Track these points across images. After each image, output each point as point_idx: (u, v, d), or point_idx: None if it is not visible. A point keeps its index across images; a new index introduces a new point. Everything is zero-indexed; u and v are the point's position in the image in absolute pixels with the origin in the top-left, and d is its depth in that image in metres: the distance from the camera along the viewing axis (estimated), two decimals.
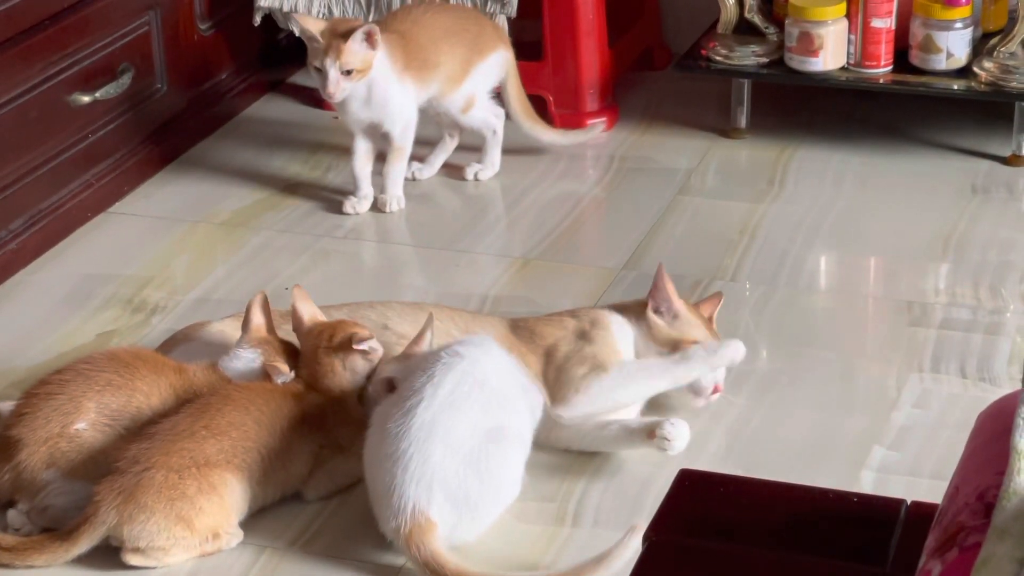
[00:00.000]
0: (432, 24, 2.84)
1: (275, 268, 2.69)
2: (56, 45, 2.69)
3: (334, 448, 2.07)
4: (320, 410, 2.07)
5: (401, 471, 1.91)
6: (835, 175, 2.98)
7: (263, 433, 2.01)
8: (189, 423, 1.98)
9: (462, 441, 1.94)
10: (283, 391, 2.08)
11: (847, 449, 2.19)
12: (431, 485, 1.91)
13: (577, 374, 2.16)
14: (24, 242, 2.67)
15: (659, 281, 2.23)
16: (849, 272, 2.71)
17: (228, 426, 1.98)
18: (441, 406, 1.95)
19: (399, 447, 1.92)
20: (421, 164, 2.97)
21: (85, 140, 2.79)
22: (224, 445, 1.97)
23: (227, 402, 2.01)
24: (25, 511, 2.01)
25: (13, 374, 2.36)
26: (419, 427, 1.93)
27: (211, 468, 1.95)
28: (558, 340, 2.20)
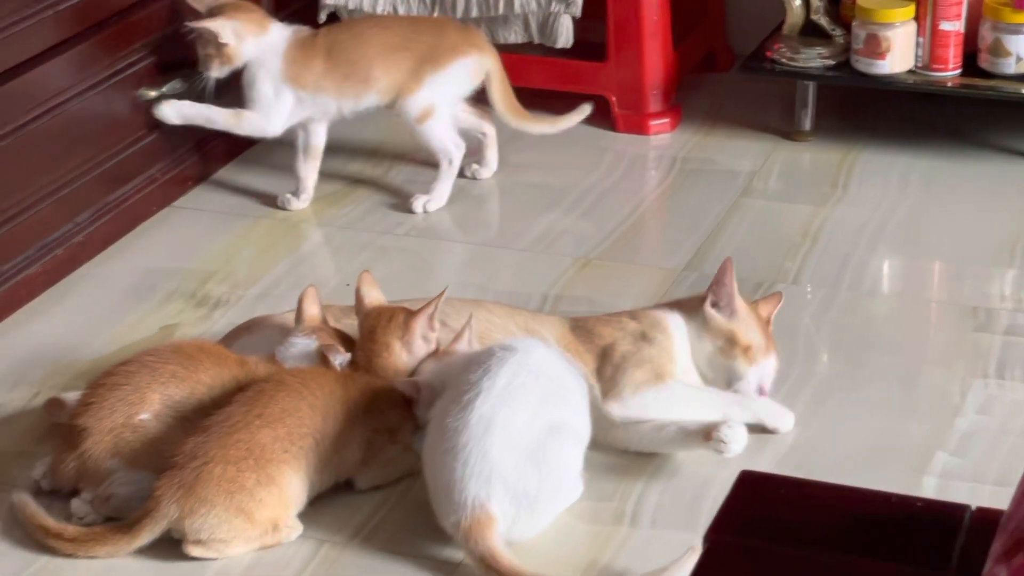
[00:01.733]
0: (373, 40, 2.82)
1: (336, 264, 2.70)
2: (125, 40, 2.72)
3: (387, 432, 2.07)
4: (372, 393, 2.08)
5: (461, 465, 1.91)
6: (900, 179, 2.96)
7: (317, 418, 2.01)
8: (243, 413, 1.99)
9: (520, 434, 1.95)
10: (335, 375, 2.08)
11: (909, 454, 2.17)
12: (490, 479, 1.91)
13: (635, 376, 2.16)
14: (90, 235, 2.70)
15: (723, 276, 2.22)
16: (913, 276, 2.69)
17: (282, 413, 1.99)
18: (498, 399, 1.95)
19: (458, 441, 1.93)
20: (478, 165, 2.97)
21: (151, 135, 2.82)
22: (279, 433, 1.98)
23: (280, 388, 2.02)
24: (89, 500, 2.03)
25: (78, 365, 2.38)
26: (477, 421, 1.93)
27: (268, 459, 1.96)
28: (616, 340, 2.20)
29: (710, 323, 2.21)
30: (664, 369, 2.17)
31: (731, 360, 2.20)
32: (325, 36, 2.83)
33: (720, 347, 2.20)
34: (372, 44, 2.82)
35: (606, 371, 2.17)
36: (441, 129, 2.84)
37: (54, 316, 2.55)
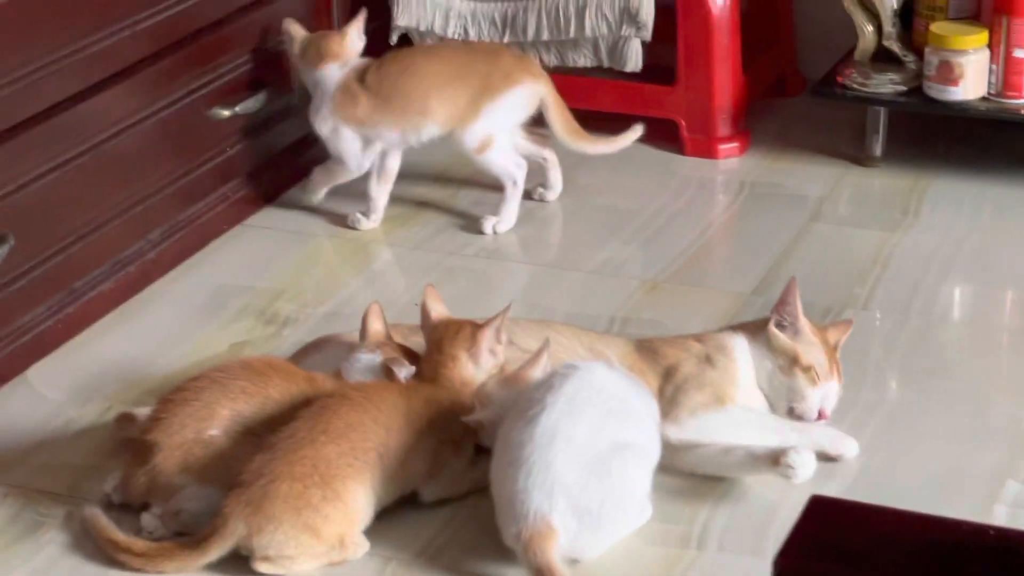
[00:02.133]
0: (426, 71, 2.83)
1: (404, 283, 2.72)
2: (198, 61, 2.74)
3: (451, 444, 2.08)
4: (436, 404, 2.08)
5: (524, 476, 1.92)
6: (972, 206, 2.93)
7: (380, 431, 2.02)
8: (308, 429, 1.99)
9: (584, 448, 1.95)
10: (399, 388, 2.09)
11: (979, 482, 2.15)
12: (553, 490, 1.91)
13: (696, 399, 2.16)
14: (162, 252, 2.73)
15: (787, 295, 2.22)
16: (984, 304, 2.66)
17: (346, 428, 2.00)
18: (562, 412, 1.95)
19: (521, 454, 1.93)
20: (543, 188, 2.97)
21: (223, 154, 2.84)
22: (344, 448, 1.98)
23: (343, 403, 2.03)
24: (158, 515, 2.05)
25: (149, 381, 2.40)
26: (541, 433, 1.93)
27: (333, 474, 1.97)
28: (680, 361, 2.20)
29: (773, 342, 2.21)
30: (725, 393, 2.17)
31: (792, 379, 2.19)
32: (375, 71, 2.84)
33: (781, 366, 2.20)
34: (426, 75, 2.83)
35: (667, 391, 2.17)
36: (501, 156, 2.85)
37: (126, 332, 2.57)
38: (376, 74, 2.84)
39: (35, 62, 2.41)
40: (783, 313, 2.22)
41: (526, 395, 2.01)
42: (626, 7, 3.03)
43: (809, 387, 2.19)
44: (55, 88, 2.46)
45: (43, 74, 2.43)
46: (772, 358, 2.21)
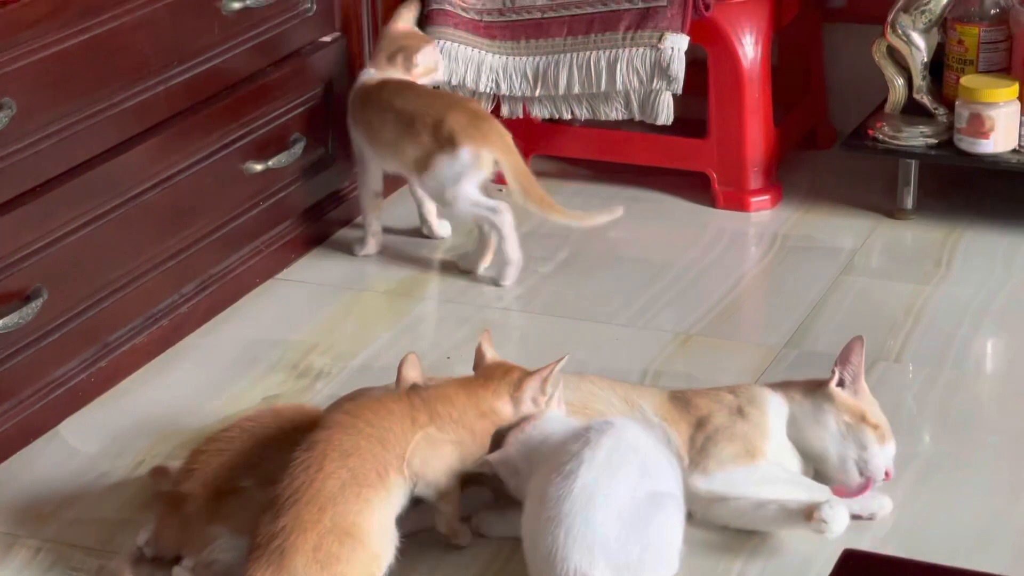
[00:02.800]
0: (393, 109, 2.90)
1: (437, 337, 2.72)
2: (233, 115, 2.77)
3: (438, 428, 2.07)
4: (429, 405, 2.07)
5: (564, 534, 1.91)
6: (1005, 258, 2.92)
7: (377, 449, 2.00)
8: (304, 470, 1.97)
9: (624, 505, 1.94)
10: (392, 396, 2.09)
11: (1015, 536, 2.13)
12: (593, 549, 1.91)
13: (726, 451, 2.15)
14: (195, 306, 2.74)
15: (852, 354, 2.19)
16: (1018, 357, 2.65)
17: (342, 457, 1.98)
18: (601, 469, 1.95)
19: (561, 510, 1.92)
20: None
21: (256, 207, 2.86)
22: (345, 478, 1.96)
23: (334, 431, 2.00)
24: (191, 567, 2.05)
25: (182, 435, 2.41)
26: (581, 489, 1.93)
27: (343, 512, 1.94)
28: (712, 412, 2.20)
29: (837, 400, 2.18)
30: (755, 447, 2.16)
31: (863, 436, 2.17)
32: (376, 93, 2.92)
33: (849, 424, 2.18)
34: (392, 114, 2.87)
35: (698, 440, 2.17)
36: (466, 206, 2.84)
37: (159, 386, 2.58)
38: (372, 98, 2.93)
39: (70, 116, 2.43)
40: (846, 371, 2.20)
41: (563, 447, 2.00)
42: (657, 61, 3.04)
43: (877, 444, 2.17)
44: (90, 142, 2.48)
45: (78, 128, 2.45)
46: (836, 417, 2.19)
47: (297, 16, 2.91)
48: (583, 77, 3.10)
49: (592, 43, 3.09)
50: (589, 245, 3.01)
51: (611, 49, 3.07)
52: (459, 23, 3.17)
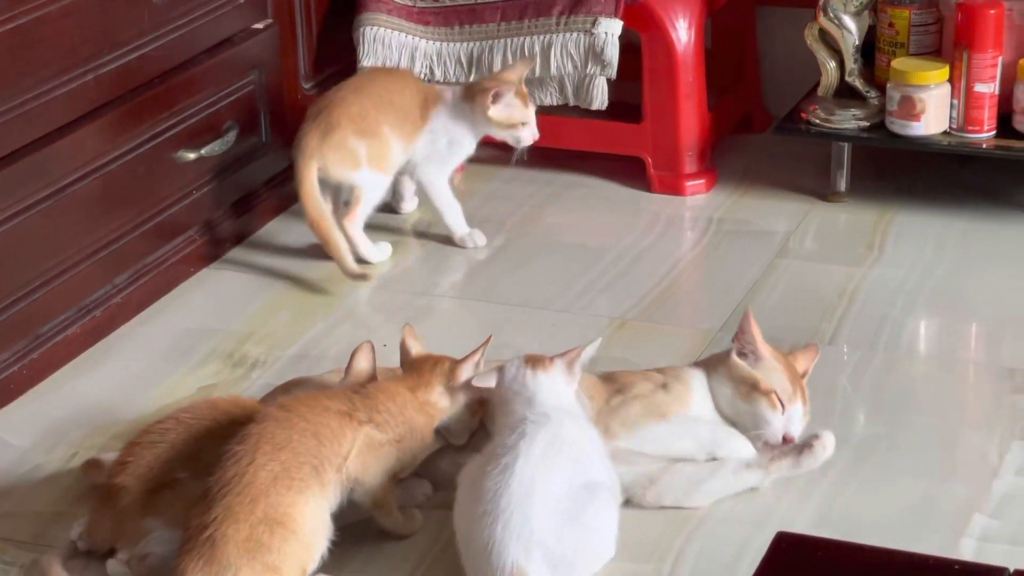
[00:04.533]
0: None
1: (373, 325, 2.71)
2: (164, 103, 2.75)
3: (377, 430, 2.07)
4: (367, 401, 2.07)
5: (501, 528, 1.91)
6: (936, 240, 2.95)
7: (311, 442, 1.99)
8: (235, 463, 1.96)
9: (560, 497, 1.95)
10: (329, 393, 2.08)
11: (947, 517, 2.16)
12: (530, 543, 1.91)
13: (633, 410, 2.18)
14: (128, 296, 2.72)
15: (744, 325, 2.23)
16: (950, 338, 2.68)
17: (274, 450, 1.97)
18: (538, 463, 1.95)
19: (498, 504, 1.92)
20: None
21: (190, 196, 2.84)
22: (276, 471, 1.96)
23: (267, 424, 2.00)
24: (125, 560, 2.03)
25: (116, 426, 2.39)
26: (518, 484, 1.93)
27: (274, 503, 1.94)
28: (635, 383, 2.23)
29: (733, 371, 2.22)
30: (667, 410, 2.18)
31: (753, 405, 2.20)
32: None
33: (742, 393, 2.21)
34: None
35: (612, 404, 2.18)
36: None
37: (92, 377, 2.56)
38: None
39: None
40: (742, 342, 2.23)
41: (497, 440, 2.00)
42: (591, 46, 3.05)
43: (770, 411, 2.20)
44: (18, 132, 2.45)
45: (6, 118, 2.42)
46: (732, 386, 2.22)
47: (228, 3, 2.88)
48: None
49: (526, 28, 3.09)
50: (525, 231, 3.02)
51: (545, 34, 3.07)
52: (392, 9, 3.16)
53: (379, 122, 2.85)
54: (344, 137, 2.82)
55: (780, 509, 2.17)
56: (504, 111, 2.88)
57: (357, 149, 2.83)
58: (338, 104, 2.86)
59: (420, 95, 2.91)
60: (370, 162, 2.84)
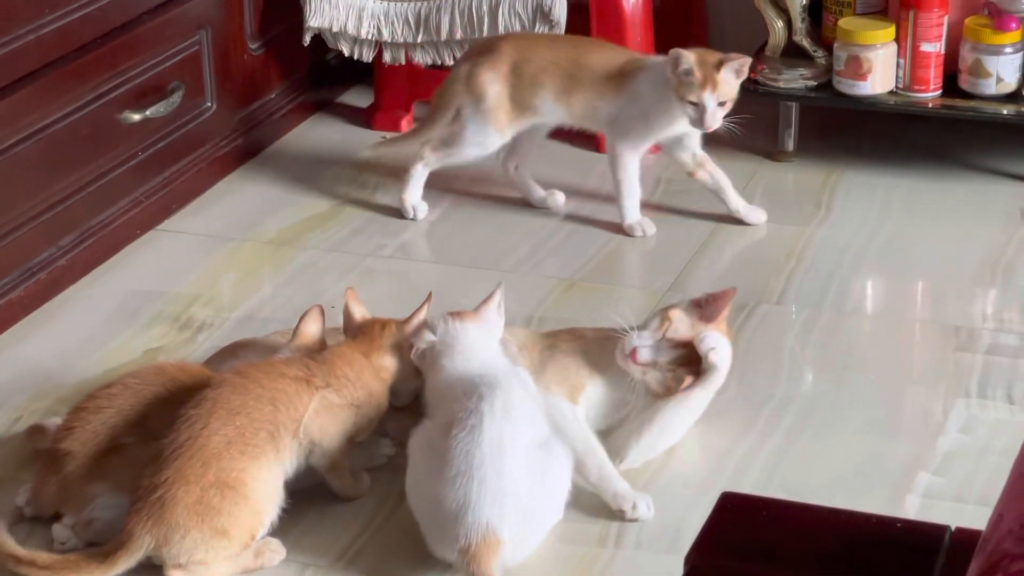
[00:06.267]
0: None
1: (321, 287, 2.70)
2: (108, 64, 2.72)
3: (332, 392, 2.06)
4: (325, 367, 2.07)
5: (477, 487, 1.91)
6: (882, 199, 2.96)
7: (267, 408, 1.99)
8: (189, 427, 1.96)
9: (526, 455, 1.96)
10: (283, 360, 2.08)
11: (892, 474, 2.17)
12: (504, 501, 1.92)
13: (554, 376, 2.18)
14: (73, 258, 2.70)
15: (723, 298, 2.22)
16: (896, 296, 2.69)
17: (229, 415, 1.97)
18: (502, 422, 1.96)
19: (472, 464, 1.92)
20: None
21: (135, 158, 2.82)
22: (230, 435, 1.96)
23: (222, 390, 2.00)
24: (71, 525, 2.02)
25: (61, 390, 2.38)
26: (489, 443, 1.93)
27: (227, 469, 1.94)
28: (564, 341, 2.23)
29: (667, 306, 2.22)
30: (579, 383, 2.18)
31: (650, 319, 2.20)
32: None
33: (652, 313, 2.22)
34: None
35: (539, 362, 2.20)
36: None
37: (37, 341, 2.54)
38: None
39: None
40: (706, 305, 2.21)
41: (455, 405, 1.99)
42: (539, 5, 3.03)
43: (653, 327, 2.18)
44: None
45: None
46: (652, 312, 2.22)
47: None
48: (465, 22, 3.08)
49: None
50: (473, 192, 3.01)
51: None
52: None
53: (540, 78, 2.79)
54: (485, 68, 2.79)
55: (726, 470, 2.19)
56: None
57: (488, 87, 2.79)
58: (511, 41, 2.83)
59: (616, 62, 2.80)
60: (491, 105, 2.79)
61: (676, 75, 2.70)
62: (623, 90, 2.78)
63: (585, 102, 2.79)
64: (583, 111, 2.81)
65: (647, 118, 2.78)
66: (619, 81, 2.78)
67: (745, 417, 2.29)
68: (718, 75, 2.68)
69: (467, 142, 2.83)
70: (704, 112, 2.69)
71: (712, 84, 2.68)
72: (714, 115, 2.70)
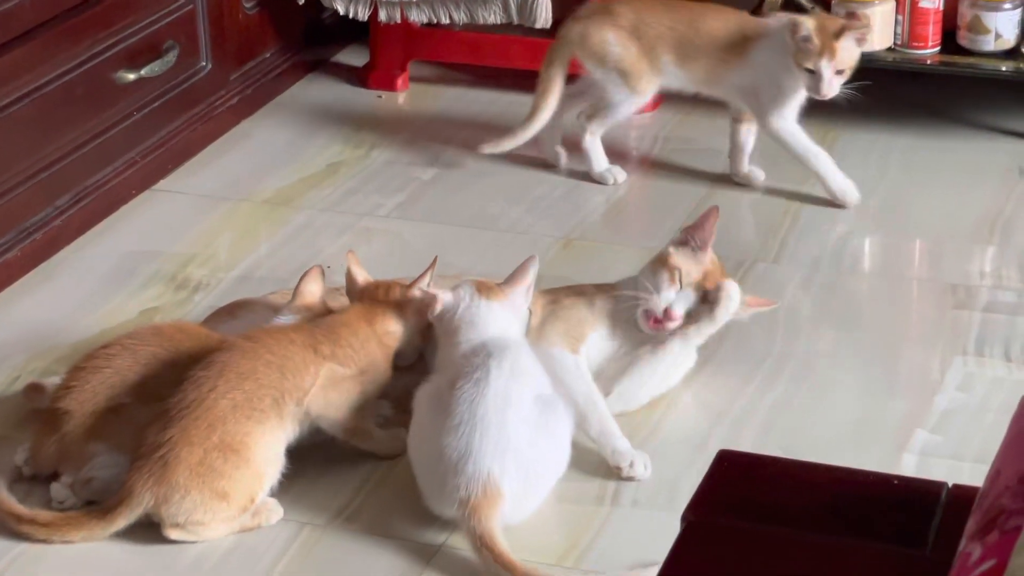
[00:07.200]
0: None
1: (318, 246, 2.70)
2: (102, 23, 2.70)
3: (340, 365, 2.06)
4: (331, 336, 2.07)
5: (479, 437, 1.92)
6: (880, 157, 2.96)
7: (274, 375, 2.00)
8: (197, 389, 1.97)
9: (529, 409, 1.97)
10: (295, 326, 2.08)
11: (889, 432, 2.18)
12: (506, 451, 1.92)
13: (553, 330, 2.18)
14: (69, 219, 2.69)
15: (706, 220, 2.22)
16: (893, 255, 2.69)
17: (238, 379, 1.98)
18: (508, 377, 1.96)
19: (475, 414, 1.93)
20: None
21: (130, 118, 2.81)
22: (237, 400, 1.96)
23: (232, 354, 2.00)
24: (69, 483, 2.03)
25: (58, 350, 2.38)
26: (494, 394, 1.94)
27: (232, 432, 1.95)
28: (566, 296, 2.23)
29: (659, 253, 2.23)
30: (580, 333, 2.18)
31: (656, 276, 2.20)
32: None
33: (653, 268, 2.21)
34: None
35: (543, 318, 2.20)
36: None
37: (34, 301, 2.54)
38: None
39: None
40: (693, 234, 2.22)
41: (464, 361, 2.00)
42: None
43: (667, 283, 2.19)
44: None
45: None
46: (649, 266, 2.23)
47: None
48: None
49: None
50: (469, 151, 3.00)
51: None
52: None
53: (655, 41, 2.76)
54: (603, 29, 2.77)
55: (723, 428, 2.19)
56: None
57: (609, 48, 2.77)
58: (627, 2, 2.80)
59: (732, 26, 2.76)
60: (618, 65, 2.77)
61: (794, 40, 2.65)
62: (746, 60, 2.72)
63: (708, 69, 2.75)
64: (707, 77, 2.76)
65: (779, 85, 2.72)
66: (740, 49, 2.73)
67: (742, 375, 2.30)
68: (837, 43, 2.62)
69: (614, 102, 2.81)
70: (820, 80, 2.64)
71: (830, 52, 2.63)
72: (831, 83, 2.64)
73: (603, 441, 2.09)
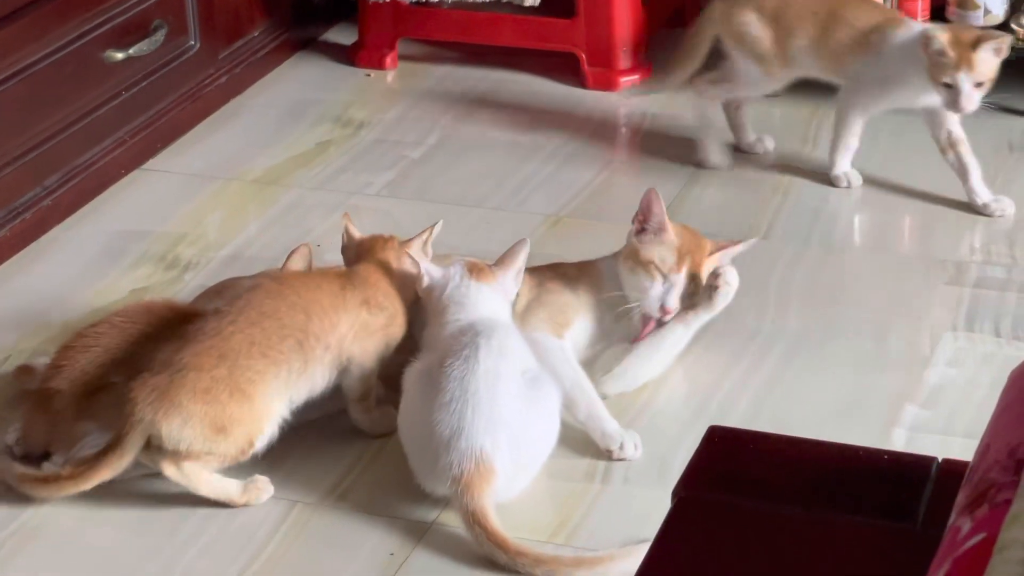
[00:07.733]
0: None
1: (307, 225, 2.70)
2: (90, 2, 2.70)
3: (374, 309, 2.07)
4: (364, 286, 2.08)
5: (471, 412, 1.92)
6: (869, 132, 2.95)
7: (300, 317, 1.99)
8: (217, 320, 1.98)
9: (519, 385, 1.97)
10: (322, 272, 2.09)
11: (879, 407, 2.18)
12: (497, 427, 1.93)
13: (537, 316, 2.18)
14: (59, 198, 2.68)
15: (645, 202, 2.23)
16: (883, 230, 2.69)
17: (259, 317, 1.98)
18: (497, 354, 1.97)
19: (467, 389, 1.93)
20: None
21: (119, 97, 2.80)
22: (255, 337, 1.96)
23: (256, 292, 2.01)
24: (60, 463, 2.03)
25: (48, 330, 2.37)
26: (484, 371, 1.95)
27: (243, 368, 1.94)
28: (549, 280, 2.24)
29: (625, 248, 2.24)
30: (565, 319, 2.19)
31: (635, 277, 2.20)
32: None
33: (628, 267, 2.22)
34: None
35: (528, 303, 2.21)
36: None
37: (23, 281, 2.54)
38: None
39: None
40: (643, 221, 2.23)
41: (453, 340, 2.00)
42: None
43: (648, 280, 2.19)
44: None
45: None
46: (623, 264, 2.23)
47: None
48: None
49: None
50: (458, 129, 3.00)
51: None
52: None
53: (795, 25, 2.72)
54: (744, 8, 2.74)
55: (713, 404, 2.20)
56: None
57: (747, 28, 2.74)
58: None
59: (872, 20, 2.69)
60: (753, 47, 2.74)
61: (928, 54, 2.56)
62: (871, 50, 2.66)
63: (835, 57, 2.70)
64: (831, 65, 2.72)
65: (885, 85, 2.67)
66: (871, 40, 2.67)
67: (732, 351, 2.30)
68: (975, 55, 2.53)
69: (740, 80, 2.78)
70: (959, 94, 2.53)
71: (968, 64, 2.52)
72: (970, 96, 2.53)
73: (592, 424, 2.10)
